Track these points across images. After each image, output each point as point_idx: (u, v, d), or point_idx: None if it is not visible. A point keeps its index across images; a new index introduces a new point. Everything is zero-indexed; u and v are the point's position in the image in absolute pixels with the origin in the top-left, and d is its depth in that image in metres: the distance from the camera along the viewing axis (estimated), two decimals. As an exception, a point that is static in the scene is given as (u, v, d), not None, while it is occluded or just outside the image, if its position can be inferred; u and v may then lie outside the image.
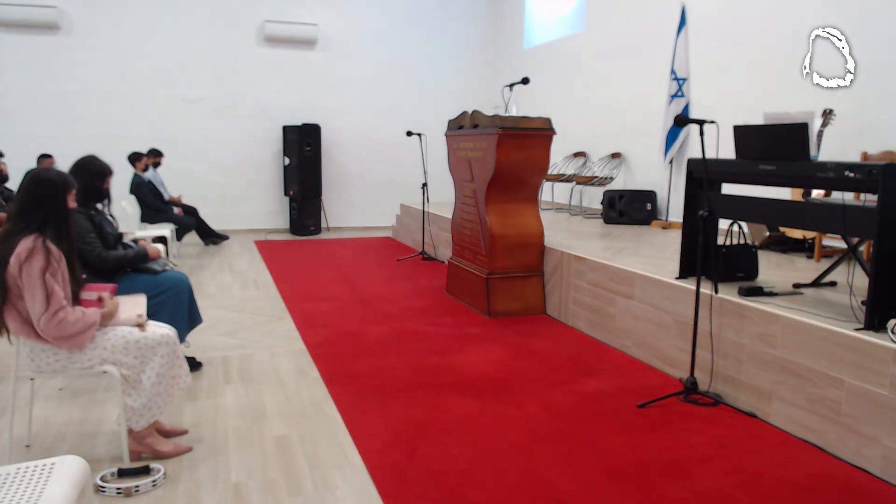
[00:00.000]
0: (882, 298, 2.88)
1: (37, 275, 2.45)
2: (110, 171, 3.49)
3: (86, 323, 2.56)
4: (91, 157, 3.45)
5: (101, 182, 3.45)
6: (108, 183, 3.49)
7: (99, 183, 3.43)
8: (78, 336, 2.56)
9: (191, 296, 3.73)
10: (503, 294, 5.13)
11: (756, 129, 3.52)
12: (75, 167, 3.38)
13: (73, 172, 3.34)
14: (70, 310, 2.52)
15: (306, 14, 9.76)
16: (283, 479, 2.62)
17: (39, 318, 2.47)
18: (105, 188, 3.48)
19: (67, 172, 3.36)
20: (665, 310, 3.93)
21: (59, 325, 2.49)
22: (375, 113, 10.28)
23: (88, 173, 3.39)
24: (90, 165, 3.41)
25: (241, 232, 9.74)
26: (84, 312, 2.57)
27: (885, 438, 2.66)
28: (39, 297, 2.46)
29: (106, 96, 9.03)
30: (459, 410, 3.28)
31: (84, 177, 3.32)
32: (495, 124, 4.90)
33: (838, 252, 4.83)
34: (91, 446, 2.88)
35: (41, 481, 1.71)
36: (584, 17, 8.46)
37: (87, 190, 3.36)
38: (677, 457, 2.82)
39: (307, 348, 4.27)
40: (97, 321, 2.62)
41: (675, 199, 6.73)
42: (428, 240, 7.89)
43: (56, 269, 2.50)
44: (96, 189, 3.43)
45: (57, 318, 2.48)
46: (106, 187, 3.49)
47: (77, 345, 2.57)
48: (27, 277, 2.45)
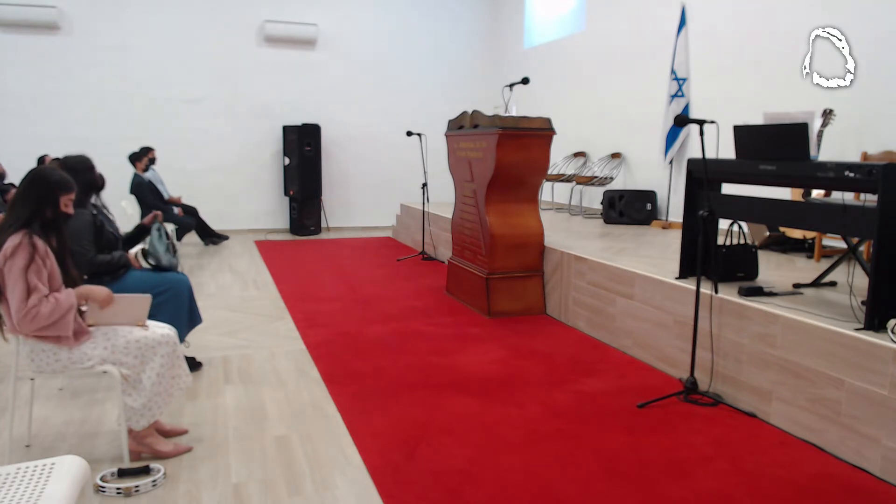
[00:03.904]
0: (882, 298, 2.88)
1: (18, 271, 2.45)
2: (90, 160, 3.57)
3: (61, 310, 2.51)
4: (66, 157, 3.52)
5: (91, 173, 3.52)
6: (96, 171, 3.58)
7: (89, 175, 3.50)
8: (57, 324, 2.51)
9: (191, 296, 3.74)
10: (503, 294, 5.13)
11: (756, 129, 3.52)
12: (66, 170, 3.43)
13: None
14: (45, 302, 2.48)
15: (306, 14, 9.76)
16: (283, 479, 2.62)
17: (18, 315, 2.46)
18: (97, 176, 3.57)
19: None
20: (665, 310, 3.93)
21: (34, 319, 2.46)
22: (375, 113, 10.28)
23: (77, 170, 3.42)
24: (74, 164, 3.46)
25: (241, 232, 9.74)
26: (57, 299, 2.51)
27: (885, 438, 2.66)
28: (19, 294, 2.45)
29: (106, 96, 9.03)
30: (459, 410, 3.29)
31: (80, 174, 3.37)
32: (495, 124, 4.90)
33: (838, 252, 4.83)
34: (91, 446, 2.88)
35: (41, 481, 1.71)
36: (584, 17, 8.46)
37: (86, 185, 3.45)
38: (677, 457, 2.82)
39: (307, 348, 4.27)
40: (73, 303, 2.56)
41: (675, 199, 6.73)
42: (428, 240, 7.89)
43: (41, 266, 2.49)
44: (89, 182, 3.50)
45: (30, 314, 2.45)
46: (97, 176, 3.58)
47: (60, 332, 2.53)
48: (9, 273, 2.46)
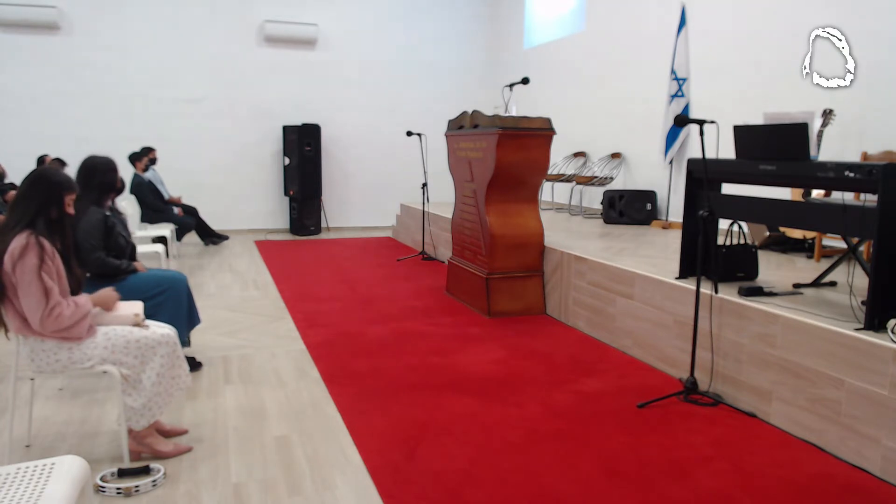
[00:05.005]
0: (882, 298, 2.88)
1: (32, 272, 2.44)
2: (114, 162, 3.60)
3: (81, 313, 2.57)
4: (91, 156, 3.53)
5: (114, 175, 3.57)
6: (118, 174, 3.62)
7: (112, 176, 3.55)
8: (76, 326, 2.56)
9: (189, 295, 3.74)
10: (503, 294, 5.13)
11: (756, 129, 3.52)
12: (85, 171, 3.47)
13: (83, 176, 3.43)
14: (65, 304, 2.53)
15: (306, 14, 9.76)
16: (283, 479, 2.62)
17: (37, 316, 2.46)
18: (118, 179, 3.63)
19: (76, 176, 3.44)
20: (665, 310, 3.93)
21: (57, 320, 2.49)
22: (375, 113, 10.28)
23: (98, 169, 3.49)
24: (97, 163, 3.50)
25: (241, 232, 9.74)
26: (77, 304, 2.58)
27: (885, 438, 2.66)
28: (36, 295, 2.45)
29: (106, 96, 9.03)
30: (459, 410, 3.29)
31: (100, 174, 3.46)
32: (495, 124, 4.90)
33: (838, 252, 4.83)
34: (91, 446, 2.88)
35: (41, 481, 1.71)
36: (584, 17, 8.46)
37: (104, 185, 3.50)
38: (677, 457, 2.82)
39: (307, 348, 4.27)
40: (90, 309, 2.63)
41: (675, 199, 6.73)
42: (428, 240, 7.89)
43: (50, 266, 2.50)
44: (110, 183, 3.54)
45: (54, 314, 2.48)
46: (119, 178, 3.63)
47: (76, 335, 2.58)
48: (22, 275, 2.45)
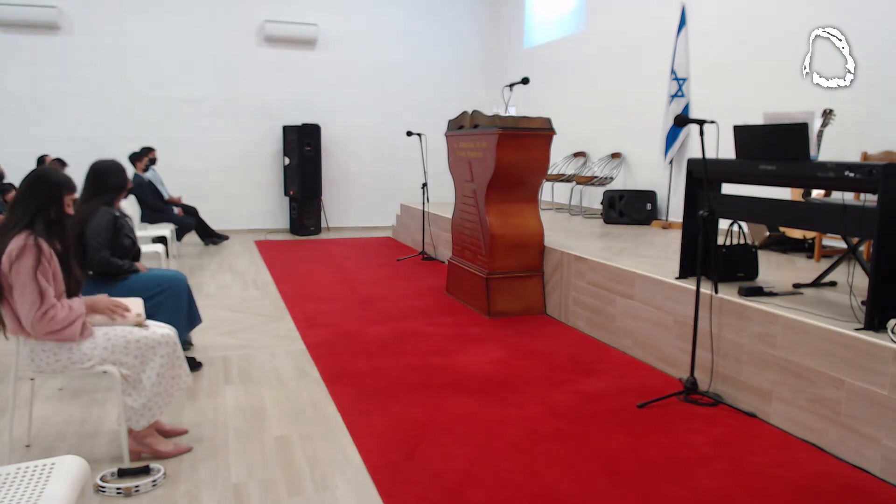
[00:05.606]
0: (882, 298, 2.88)
1: (27, 273, 2.44)
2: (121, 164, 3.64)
3: (74, 316, 2.56)
4: (99, 160, 3.57)
5: (125, 175, 3.63)
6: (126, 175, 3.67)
7: (123, 177, 3.61)
8: (68, 329, 2.55)
9: (189, 295, 3.75)
10: (503, 294, 5.13)
11: (756, 129, 3.52)
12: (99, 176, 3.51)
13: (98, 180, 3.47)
14: (59, 306, 2.51)
15: (306, 14, 9.76)
16: (283, 479, 2.62)
17: (30, 317, 2.46)
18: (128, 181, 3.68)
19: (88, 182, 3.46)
20: (665, 310, 3.93)
21: (50, 322, 2.48)
22: (375, 113, 10.28)
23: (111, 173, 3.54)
24: (108, 167, 3.55)
25: (241, 232, 9.74)
26: (71, 307, 2.57)
27: (885, 438, 2.66)
28: (30, 296, 2.45)
29: (106, 96, 9.03)
30: (459, 410, 3.29)
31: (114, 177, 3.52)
32: (495, 124, 4.90)
33: (838, 252, 4.83)
34: (91, 446, 2.88)
35: (41, 481, 1.71)
36: (584, 17, 8.46)
37: (117, 188, 3.56)
38: (677, 457, 2.82)
39: (307, 348, 4.27)
40: (83, 311, 2.62)
41: (675, 199, 6.73)
42: (428, 240, 7.89)
43: (47, 268, 2.49)
44: (123, 185, 3.60)
45: (48, 316, 2.47)
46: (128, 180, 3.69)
47: (68, 337, 2.57)
48: (17, 276, 2.44)
